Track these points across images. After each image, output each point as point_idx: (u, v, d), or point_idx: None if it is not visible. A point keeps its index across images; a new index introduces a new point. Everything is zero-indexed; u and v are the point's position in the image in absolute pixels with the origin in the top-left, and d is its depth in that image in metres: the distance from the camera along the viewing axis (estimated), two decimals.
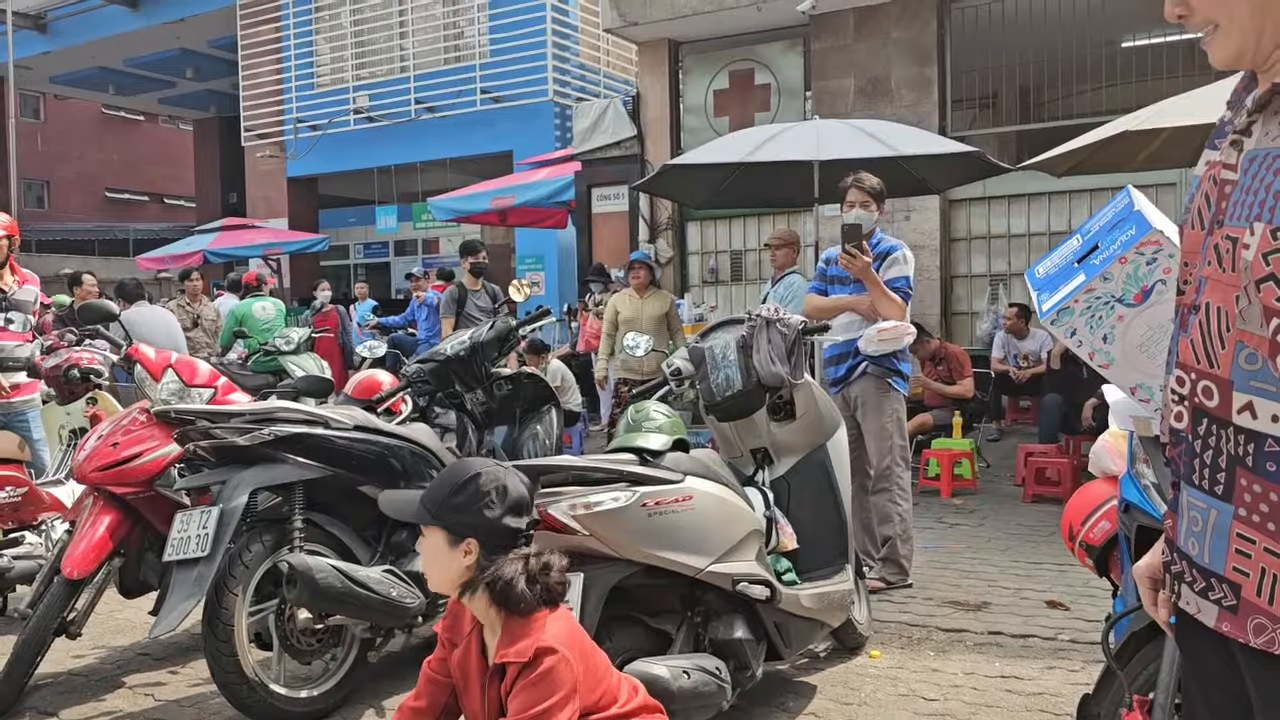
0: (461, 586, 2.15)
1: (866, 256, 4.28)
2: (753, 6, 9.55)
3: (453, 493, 2.14)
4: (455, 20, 16.24)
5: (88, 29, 19.57)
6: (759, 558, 3.11)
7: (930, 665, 3.76)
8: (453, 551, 2.13)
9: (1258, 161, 1.23)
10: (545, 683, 2.02)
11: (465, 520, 2.12)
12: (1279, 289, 1.18)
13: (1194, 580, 1.31)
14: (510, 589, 2.09)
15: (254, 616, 3.36)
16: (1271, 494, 1.20)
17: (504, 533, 2.14)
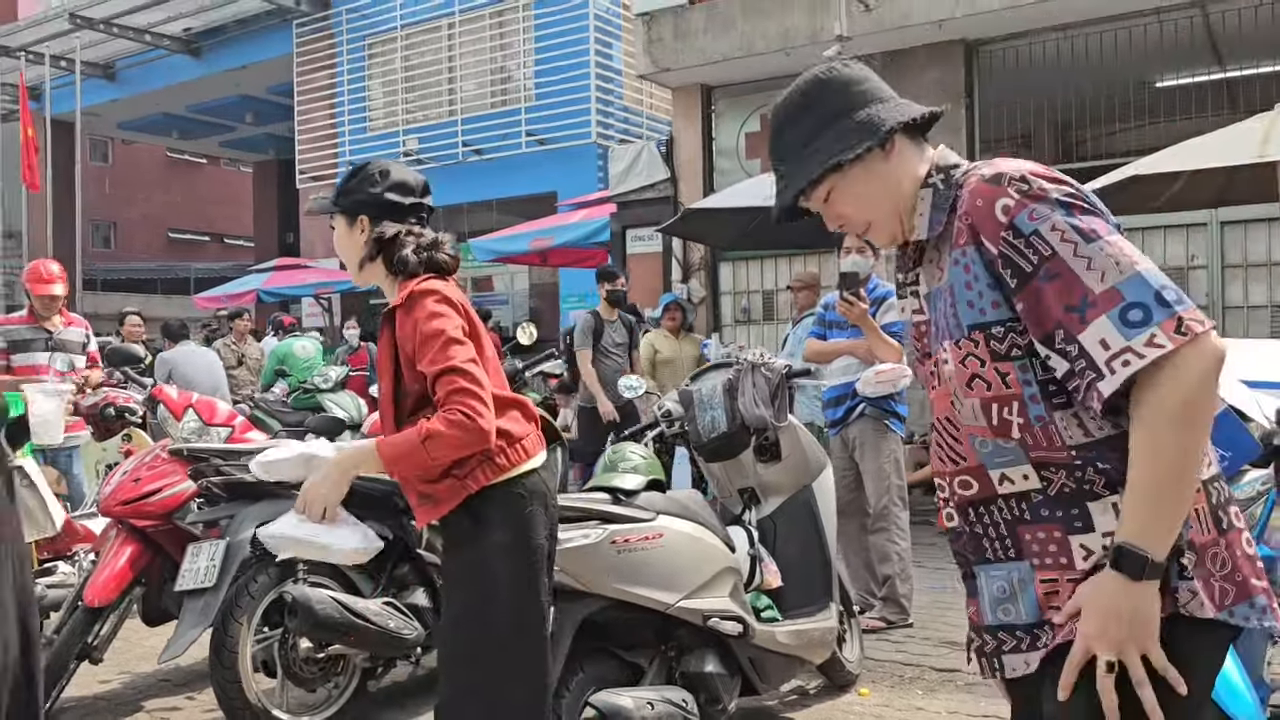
0: (361, 261, 2.39)
1: (864, 303, 4.40)
2: (781, 52, 9.72)
3: (346, 180, 2.44)
4: (503, 65, 16.68)
5: (153, 77, 20.41)
6: (733, 594, 3.22)
7: (916, 704, 3.81)
8: (351, 231, 2.40)
9: (934, 298, 1.57)
10: (432, 313, 2.21)
11: (355, 199, 2.39)
12: (985, 384, 1.46)
13: (1018, 642, 1.51)
14: (395, 250, 2.33)
15: (259, 645, 3.54)
16: (1054, 533, 1.45)
17: (388, 206, 2.38)
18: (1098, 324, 1.34)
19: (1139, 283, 1.34)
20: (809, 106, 1.60)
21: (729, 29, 9.96)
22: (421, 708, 3.94)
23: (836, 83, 1.60)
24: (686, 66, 10.33)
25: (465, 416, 2.11)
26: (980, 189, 1.44)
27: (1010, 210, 1.40)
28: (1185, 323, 1.31)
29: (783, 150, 1.64)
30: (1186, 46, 8.80)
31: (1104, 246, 1.36)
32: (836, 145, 1.55)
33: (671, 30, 10.31)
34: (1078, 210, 1.39)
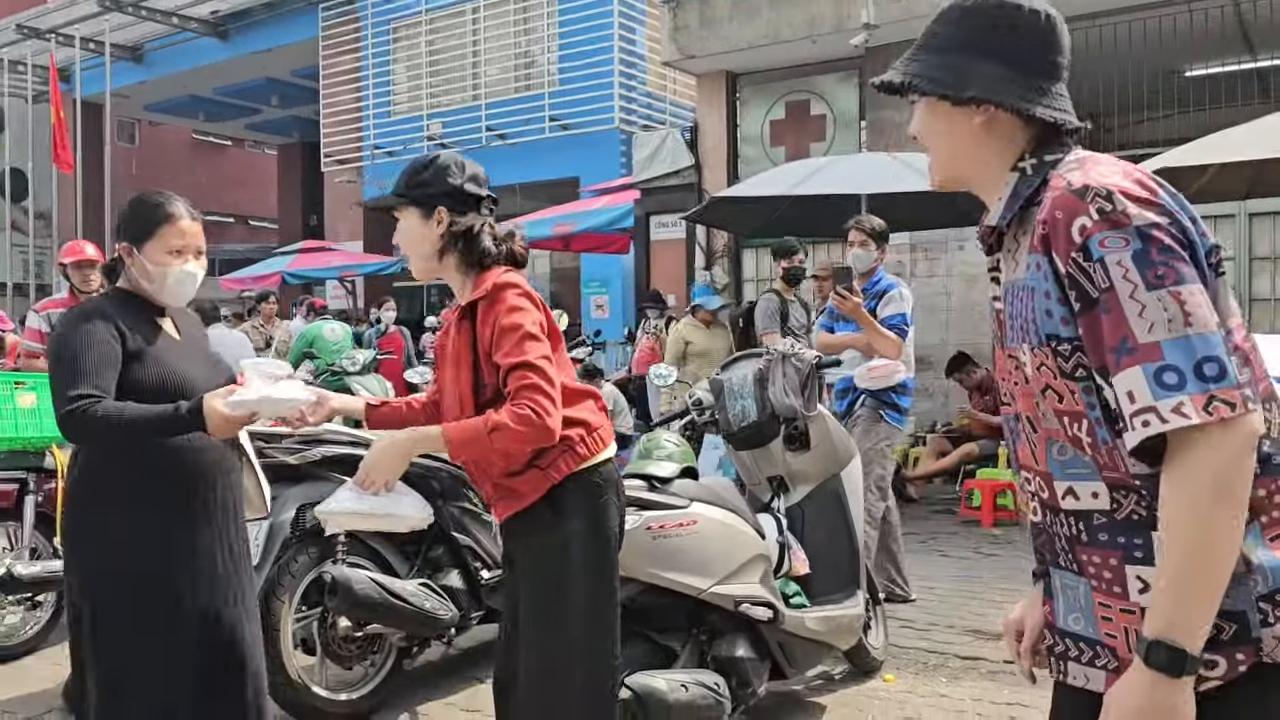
0: (438, 253, 2.39)
1: (857, 297, 4.43)
2: (807, 39, 9.73)
3: (418, 172, 2.40)
4: (527, 49, 16.71)
5: (180, 59, 20.54)
6: (763, 580, 3.28)
7: (940, 691, 3.87)
8: (426, 224, 2.38)
9: (1011, 292, 1.48)
10: (513, 307, 2.26)
11: (433, 191, 2.37)
12: (1056, 396, 1.41)
13: (1080, 653, 1.45)
14: (477, 241, 2.36)
15: (299, 623, 3.64)
16: (1110, 559, 1.39)
17: (468, 197, 2.39)
18: (1130, 373, 1.28)
19: (1184, 346, 1.26)
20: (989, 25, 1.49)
21: (755, 16, 9.96)
22: (456, 686, 4.04)
23: (1032, 25, 1.49)
24: (712, 54, 10.35)
25: (533, 412, 2.16)
26: (1063, 200, 1.36)
27: (1086, 231, 1.32)
28: (1214, 403, 1.24)
29: (933, 37, 1.55)
30: (1217, 36, 8.74)
31: (1163, 296, 1.27)
32: (950, 75, 1.49)
33: (697, 17, 10.31)
34: (1155, 245, 1.29)
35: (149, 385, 2.48)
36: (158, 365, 2.52)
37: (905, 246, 9.69)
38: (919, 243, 9.61)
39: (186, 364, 2.58)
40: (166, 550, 2.49)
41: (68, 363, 2.41)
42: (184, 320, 2.73)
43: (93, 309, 2.59)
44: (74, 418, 2.34)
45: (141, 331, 2.54)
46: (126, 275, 2.61)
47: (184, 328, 2.71)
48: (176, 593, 2.49)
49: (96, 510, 2.50)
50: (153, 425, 2.37)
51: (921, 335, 9.74)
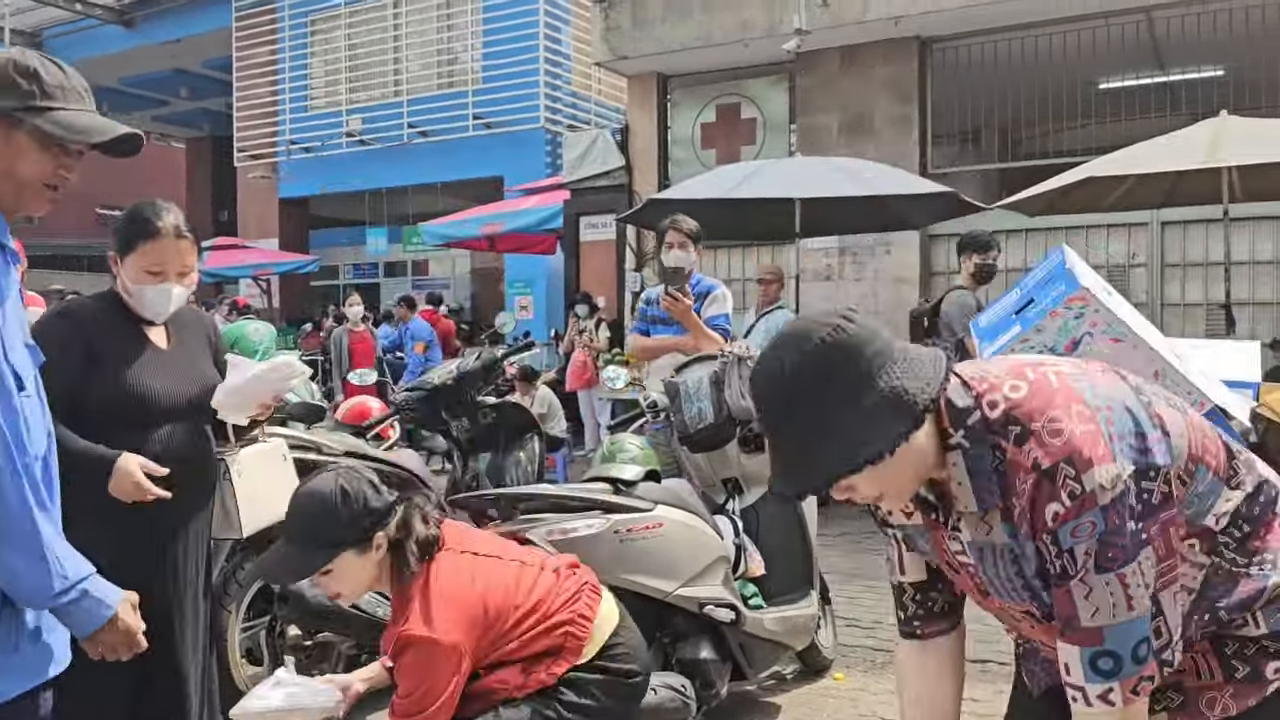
0: (395, 571, 2.33)
1: (688, 299, 4.40)
2: (739, 43, 9.81)
3: (337, 514, 2.26)
4: (449, 45, 16.51)
5: (83, 47, 19.76)
6: (725, 582, 3.29)
7: (891, 688, 3.92)
8: (365, 557, 2.29)
9: (986, 554, 1.54)
10: (412, 670, 2.24)
11: (368, 523, 2.28)
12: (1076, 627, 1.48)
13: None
14: (421, 538, 2.33)
15: (246, 633, 3.53)
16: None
17: (390, 508, 2.33)
18: (1069, 650, 1.45)
19: (1123, 632, 1.41)
20: (824, 378, 1.41)
21: (687, 18, 10.01)
22: None
23: (849, 349, 1.41)
24: (643, 55, 10.37)
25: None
26: (1037, 485, 1.42)
27: (1059, 517, 1.40)
28: (1141, 683, 1.42)
29: (792, 429, 1.44)
30: (1131, 50, 9.08)
31: (1110, 580, 1.40)
32: (868, 431, 1.39)
33: (629, 18, 10.32)
34: (1114, 520, 1.39)
35: (106, 395, 2.41)
36: (119, 374, 2.44)
37: (834, 250, 9.84)
38: (847, 246, 9.76)
39: (155, 377, 2.49)
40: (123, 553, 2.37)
41: None
42: (183, 327, 2.63)
43: (68, 310, 2.56)
44: None
45: (113, 338, 2.47)
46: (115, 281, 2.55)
47: (178, 335, 2.61)
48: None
49: None
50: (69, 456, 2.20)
51: None
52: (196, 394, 2.55)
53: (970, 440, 1.48)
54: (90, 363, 2.38)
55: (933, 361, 1.46)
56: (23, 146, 1.81)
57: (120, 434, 2.41)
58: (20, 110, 1.80)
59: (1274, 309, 8.58)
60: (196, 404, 2.55)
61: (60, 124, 1.83)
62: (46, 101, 1.84)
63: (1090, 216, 8.31)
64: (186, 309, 2.64)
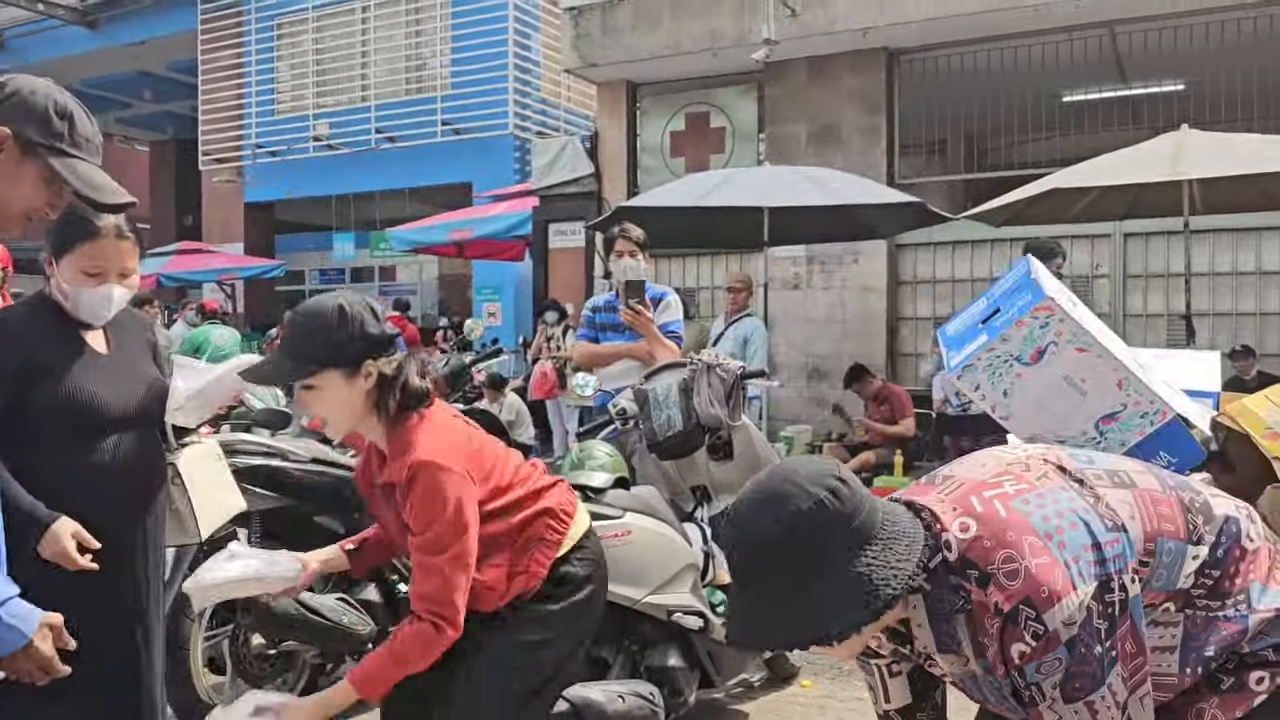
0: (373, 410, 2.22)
1: (649, 310, 4.39)
2: (708, 52, 9.85)
3: (332, 332, 2.17)
4: (418, 51, 16.45)
5: (45, 48, 19.49)
6: (694, 590, 3.29)
7: (857, 695, 3.94)
8: (352, 383, 2.19)
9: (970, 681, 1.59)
10: (432, 495, 2.13)
11: (360, 347, 2.18)
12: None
13: None
14: (409, 385, 2.22)
15: (209, 642, 3.48)
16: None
17: (387, 342, 2.24)
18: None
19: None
20: (795, 551, 1.44)
21: (656, 27, 10.04)
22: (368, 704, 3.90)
23: (829, 525, 1.44)
24: (613, 63, 10.38)
25: (435, 628, 2.13)
26: (1001, 629, 1.46)
27: (1025, 656, 1.45)
28: None
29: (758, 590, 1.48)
30: (1094, 64, 9.21)
31: (1080, 709, 1.45)
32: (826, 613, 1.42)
33: (599, 26, 10.33)
34: (1078, 652, 1.44)
35: (51, 404, 2.32)
36: (62, 383, 2.34)
37: (802, 258, 9.89)
38: (815, 255, 9.82)
39: (100, 383, 2.40)
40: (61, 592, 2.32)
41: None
42: (120, 332, 2.54)
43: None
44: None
45: (51, 346, 2.37)
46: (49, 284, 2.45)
47: (117, 340, 2.52)
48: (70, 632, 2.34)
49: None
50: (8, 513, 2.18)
51: (817, 346, 9.98)
52: (144, 398, 2.49)
53: (932, 584, 1.52)
54: (28, 373, 2.29)
55: (909, 542, 1.46)
56: (28, 176, 1.83)
57: (67, 445, 2.35)
58: (44, 147, 1.82)
59: (1233, 319, 8.73)
60: (144, 409, 2.49)
61: (79, 176, 1.87)
62: (73, 150, 1.86)
63: (1055, 227, 8.40)
64: (125, 312, 2.53)
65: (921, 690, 1.80)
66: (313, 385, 2.19)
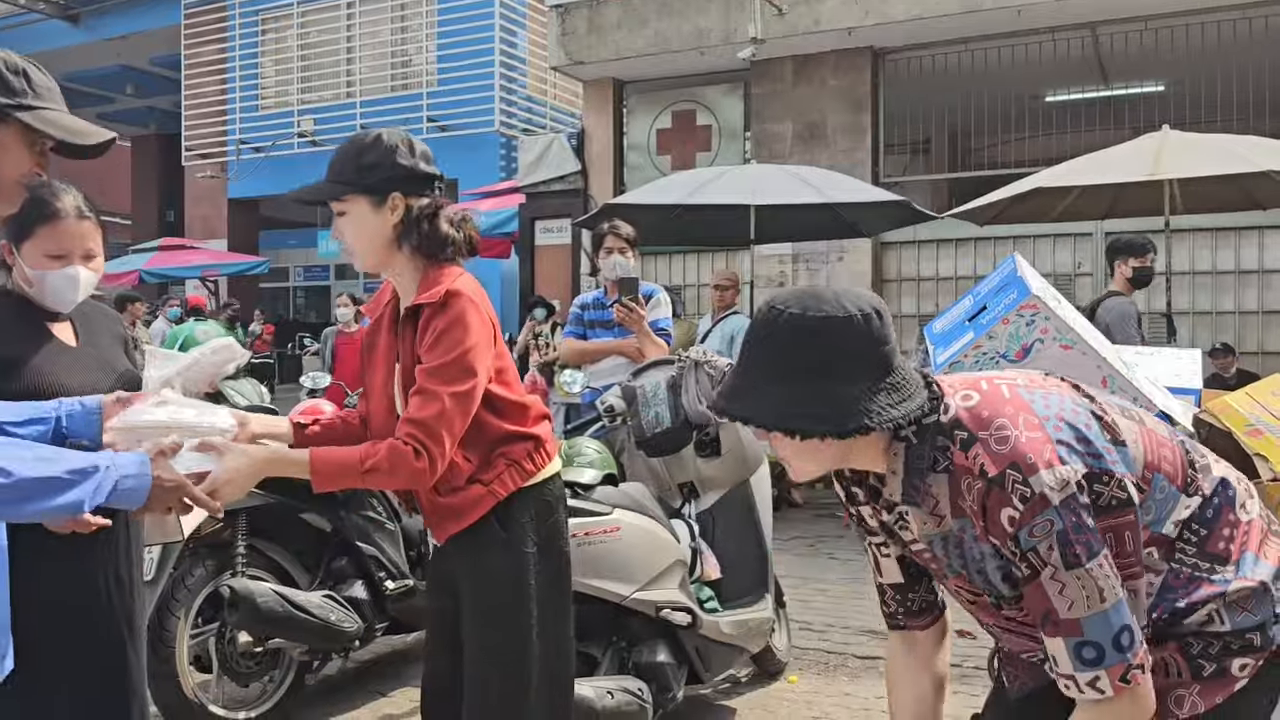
0: (394, 244, 2.17)
1: (642, 309, 4.38)
2: (695, 50, 9.86)
3: (362, 154, 2.14)
4: (404, 47, 16.41)
5: (25, 42, 19.29)
6: (682, 586, 3.30)
7: (844, 690, 3.98)
8: (379, 213, 2.14)
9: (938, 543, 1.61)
10: (458, 324, 2.07)
11: (385, 175, 2.13)
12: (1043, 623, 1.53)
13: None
14: (436, 229, 2.16)
15: (195, 639, 3.47)
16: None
17: (423, 178, 2.17)
18: (1054, 642, 1.48)
19: (1101, 622, 1.45)
20: (834, 346, 1.47)
21: (643, 25, 10.05)
22: (358, 700, 3.92)
23: (868, 339, 1.49)
24: (600, 60, 10.38)
25: (415, 453, 1.99)
26: (986, 493, 1.48)
27: (1016, 522, 1.45)
28: (1130, 672, 1.45)
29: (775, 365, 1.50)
30: (1076, 65, 9.28)
31: (1081, 575, 1.44)
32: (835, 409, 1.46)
33: (586, 24, 10.33)
34: (1071, 520, 1.44)
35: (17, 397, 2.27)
36: (34, 377, 2.28)
37: (788, 257, 9.93)
38: (801, 253, 9.85)
39: (70, 375, 2.32)
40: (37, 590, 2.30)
41: None
42: (87, 323, 2.51)
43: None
44: None
45: (20, 340, 2.30)
46: (10, 276, 2.41)
47: (85, 331, 2.49)
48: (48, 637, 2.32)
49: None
50: None
51: None
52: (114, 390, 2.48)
53: (918, 437, 1.54)
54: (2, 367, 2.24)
55: (909, 393, 1.50)
56: (7, 143, 1.80)
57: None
58: (12, 107, 1.79)
59: (1213, 318, 8.81)
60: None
61: (52, 123, 1.85)
62: (36, 100, 1.83)
63: (1038, 226, 8.48)
64: (92, 304, 2.47)
65: (915, 574, 1.82)
66: (343, 211, 2.17)
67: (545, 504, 2.24)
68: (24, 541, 2.24)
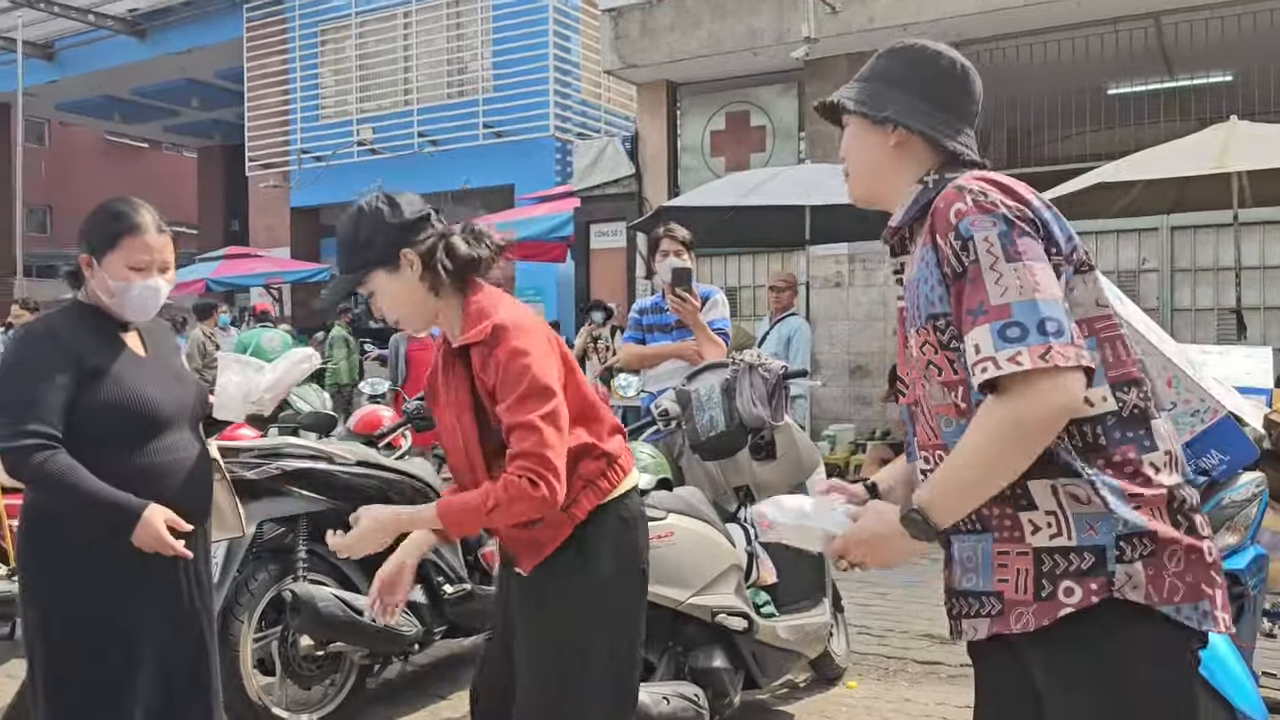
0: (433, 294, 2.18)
1: (695, 300, 4.37)
2: (749, 51, 9.82)
3: (357, 235, 2.17)
4: (459, 55, 16.57)
5: (95, 58, 19.90)
6: (738, 591, 3.29)
7: (904, 695, 3.93)
8: (399, 276, 2.16)
9: (909, 288, 1.69)
10: (515, 352, 2.06)
11: (385, 241, 2.15)
12: (937, 370, 1.63)
13: (969, 608, 1.65)
14: (456, 256, 2.17)
15: (258, 643, 3.54)
16: (1007, 509, 1.57)
17: (417, 224, 2.17)
18: (980, 329, 1.50)
19: (1030, 307, 1.47)
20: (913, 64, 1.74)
21: (696, 27, 10.03)
22: (417, 704, 3.96)
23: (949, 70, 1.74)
24: (653, 63, 10.38)
25: (531, 483, 2.00)
26: (947, 194, 1.59)
27: (960, 214, 1.55)
28: (1052, 352, 1.44)
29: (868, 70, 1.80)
30: (1140, 56, 9.06)
31: (1018, 269, 1.49)
32: (871, 99, 1.74)
33: (639, 27, 10.35)
34: (1017, 230, 1.51)
35: (110, 408, 2.37)
36: (119, 387, 2.39)
37: (844, 257, 9.84)
38: (857, 253, 9.76)
39: (149, 384, 2.45)
40: (124, 589, 2.39)
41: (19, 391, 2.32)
42: (152, 334, 2.60)
43: (45, 328, 2.47)
44: (25, 458, 2.27)
45: (100, 350, 2.42)
46: (86, 288, 2.49)
47: (151, 342, 2.58)
48: (132, 631, 2.41)
49: (50, 550, 2.39)
50: (93, 506, 2.30)
51: (861, 343, 9.92)
52: (190, 399, 2.55)
53: (933, 183, 1.68)
54: (82, 377, 2.34)
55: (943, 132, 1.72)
56: None
57: (127, 447, 2.39)
58: None
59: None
60: (190, 408, 2.55)
61: None
62: None
63: (1100, 222, 8.29)
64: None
65: None
66: (371, 290, 2.20)
67: (622, 521, 2.23)
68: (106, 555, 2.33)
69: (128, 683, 2.41)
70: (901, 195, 1.73)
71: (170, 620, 2.48)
